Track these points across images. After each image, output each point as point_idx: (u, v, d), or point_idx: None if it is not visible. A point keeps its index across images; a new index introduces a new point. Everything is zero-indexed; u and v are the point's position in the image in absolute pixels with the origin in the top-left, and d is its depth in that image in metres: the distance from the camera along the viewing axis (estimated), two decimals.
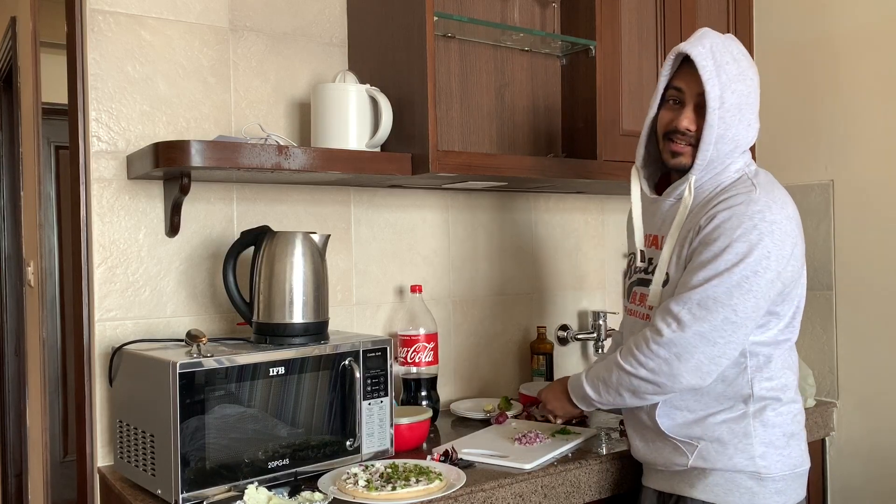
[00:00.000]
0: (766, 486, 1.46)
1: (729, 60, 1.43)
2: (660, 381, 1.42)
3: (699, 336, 1.38)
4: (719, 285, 1.37)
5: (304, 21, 1.98)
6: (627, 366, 1.44)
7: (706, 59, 1.41)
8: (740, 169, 1.48)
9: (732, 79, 1.42)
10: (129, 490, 1.53)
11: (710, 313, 1.38)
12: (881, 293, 2.12)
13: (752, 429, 1.46)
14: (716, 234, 1.39)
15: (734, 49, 1.46)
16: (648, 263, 1.59)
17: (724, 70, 1.41)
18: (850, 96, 2.19)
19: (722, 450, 1.46)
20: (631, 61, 2.16)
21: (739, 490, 1.46)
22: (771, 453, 1.46)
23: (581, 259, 2.53)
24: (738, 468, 1.45)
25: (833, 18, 2.23)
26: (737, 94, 1.42)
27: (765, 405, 1.47)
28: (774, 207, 1.40)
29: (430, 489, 1.43)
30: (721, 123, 1.42)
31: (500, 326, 2.35)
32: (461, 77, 2.07)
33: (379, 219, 2.11)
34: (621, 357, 1.46)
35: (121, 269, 1.73)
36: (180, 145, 1.54)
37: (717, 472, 1.47)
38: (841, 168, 2.21)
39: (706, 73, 1.40)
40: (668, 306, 1.42)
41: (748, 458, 1.45)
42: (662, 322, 1.41)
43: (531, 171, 1.93)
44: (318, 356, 1.56)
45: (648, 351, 1.41)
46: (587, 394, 1.55)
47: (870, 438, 2.16)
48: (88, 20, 1.70)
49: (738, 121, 1.44)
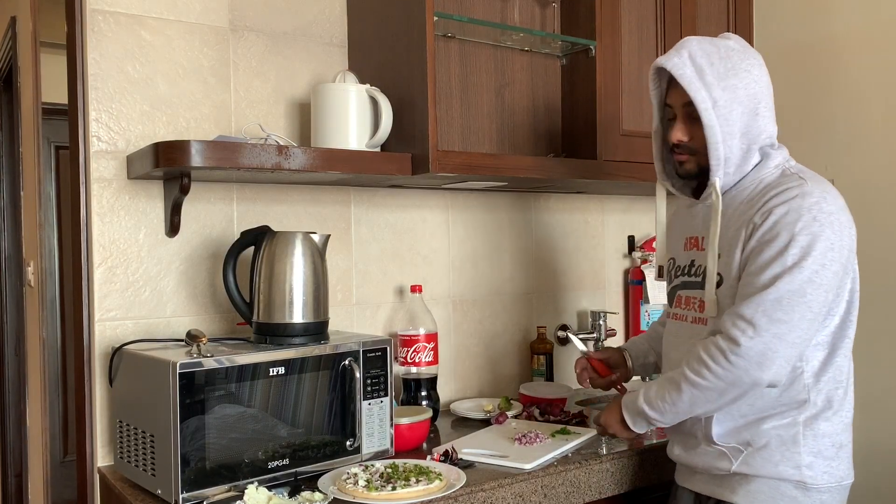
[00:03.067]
0: (810, 496, 1.41)
1: (714, 61, 1.42)
2: (740, 391, 1.37)
3: (777, 338, 1.33)
4: (791, 282, 1.33)
5: (304, 21, 1.98)
6: (703, 381, 1.38)
7: (682, 67, 1.42)
8: (780, 164, 1.47)
9: (721, 76, 1.42)
10: (129, 490, 1.53)
11: (786, 313, 1.33)
12: (881, 293, 2.12)
13: (801, 437, 1.41)
14: (776, 231, 1.36)
15: (723, 48, 1.45)
16: (691, 265, 1.56)
17: (707, 72, 1.42)
18: (850, 96, 2.19)
19: (768, 457, 1.42)
20: (631, 61, 2.16)
21: (784, 499, 1.41)
22: (818, 464, 1.41)
23: (581, 259, 2.53)
24: (784, 476, 1.41)
25: (833, 19, 2.23)
26: (729, 90, 1.41)
27: (817, 413, 1.42)
28: (829, 198, 1.38)
29: (430, 489, 1.43)
30: (722, 121, 1.41)
31: (500, 326, 2.35)
32: (461, 77, 2.07)
33: (379, 219, 2.11)
34: (692, 373, 1.39)
35: (121, 269, 1.73)
36: (180, 145, 1.54)
37: (761, 479, 1.42)
38: (841, 168, 2.21)
39: (685, 80, 1.42)
40: (739, 311, 1.36)
41: (794, 466, 1.41)
42: (736, 329, 1.35)
43: (531, 171, 1.93)
44: (318, 356, 1.56)
45: (726, 363, 1.35)
46: (649, 416, 1.47)
47: (870, 438, 2.15)
48: (88, 20, 1.70)
49: (742, 113, 1.43)
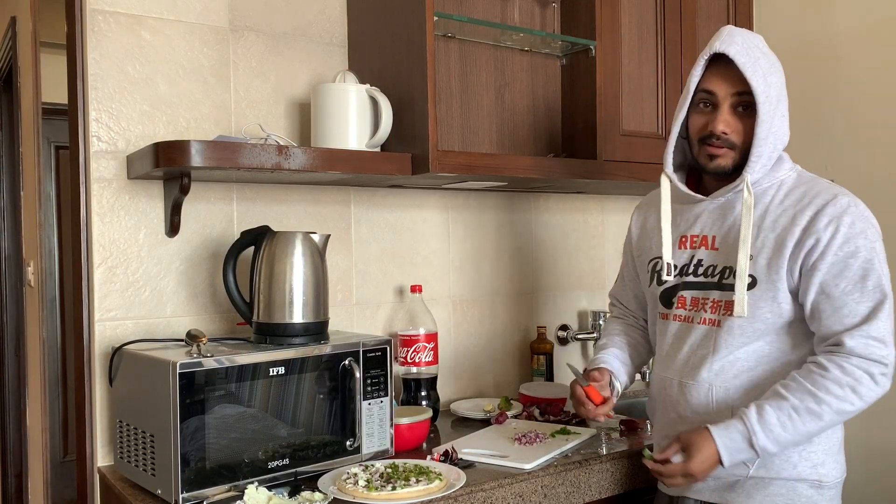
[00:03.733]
0: (823, 493, 1.42)
1: (759, 55, 1.40)
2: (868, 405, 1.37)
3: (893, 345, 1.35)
4: (890, 291, 1.35)
5: (304, 21, 1.98)
6: (851, 406, 1.34)
7: (743, 55, 1.38)
8: (792, 167, 1.48)
9: (767, 71, 1.40)
10: (129, 490, 1.53)
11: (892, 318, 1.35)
12: None
13: (818, 437, 1.42)
14: (853, 243, 1.36)
15: (759, 43, 1.43)
16: (698, 264, 1.50)
17: (759, 64, 1.38)
18: (850, 96, 2.19)
19: (786, 457, 1.41)
20: (631, 61, 2.16)
21: (800, 499, 1.41)
22: (829, 460, 1.43)
23: (581, 259, 2.53)
24: (802, 476, 1.41)
25: (833, 17, 2.23)
26: (774, 87, 1.40)
27: None
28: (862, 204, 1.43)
29: (430, 489, 1.43)
30: (769, 117, 1.39)
31: (500, 326, 2.35)
32: (461, 77, 2.07)
33: (379, 219, 2.11)
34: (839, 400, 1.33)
35: (121, 269, 1.73)
36: (180, 145, 1.54)
37: (780, 482, 1.42)
38: (841, 168, 2.21)
39: (749, 70, 1.37)
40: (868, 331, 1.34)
41: (811, 465, 1.41)
42: (876, 350, 1.33)
43: (531, 171, 1.93)
44: (318, 356, 1.56)
45: (875, 386, 1.34)
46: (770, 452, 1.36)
47: (870, 438, 2.15)
48: (88, 20, 1.70)
49: (775, 113, 1.41)
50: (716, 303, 1.46)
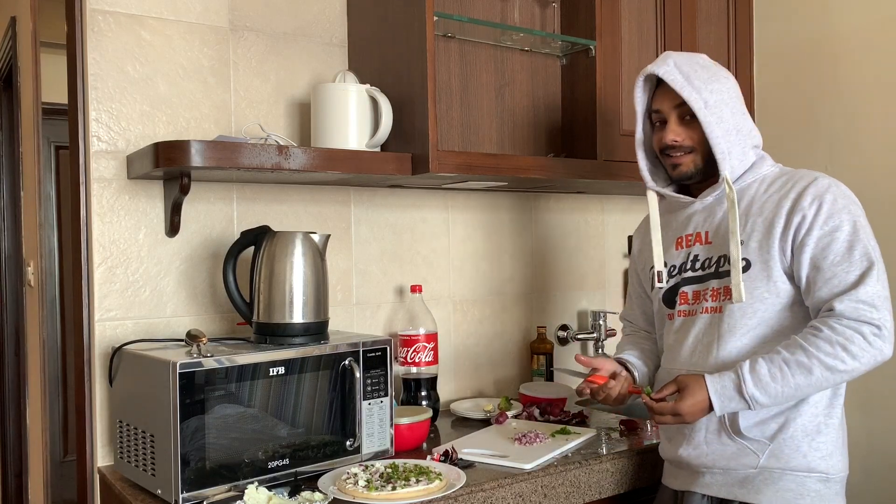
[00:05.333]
0: (830, 487, 1.44)
1: (696, 69, 1.50)
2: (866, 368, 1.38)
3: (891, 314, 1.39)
4: (875, 258, 1.40)
5: (304, 21, 1.98)
6: (843, 364, 1.36)
7: (673, 73, 1.49)
8: (774, 165, 1.56)
9: (705, 81, 1.49)
10: (129, 490, 1.53)
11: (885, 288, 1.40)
12: None
13: (823, 426, 1.44)
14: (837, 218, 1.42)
15: (700, 59, 1.54)
16: (694, 259, 1.56)
17: (693, 77, 1.49)
18: (850, 96, 2.19)
19: (796, 447, 1.43)
20: (631, 61, 2.16)
21: (810, 494, 1.42)
22: (836, 453, 1.45)
23: (581, 259, 2.53)
24: (812, 467, 1.42)
25: (833, 18, 2.23)
26: (716, 93, 1.49)
27: (830, 401, 1.45)
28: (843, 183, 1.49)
29: (430, 489, 1.43)
30: (716, 119, 1.48)
31: (500, 326, 2.35)
32: (461, 77, 2.07)
33: (379, 219, 2.11)
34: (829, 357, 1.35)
35: (121, 269, 1.73)
36: (180, 145, 1.54)
37: (790, 475, 1.43)
38: (841, 168, 2.21)
39: (678, 84, 1.48)
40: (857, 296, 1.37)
41: (821, 456, 1.43)
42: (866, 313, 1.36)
43: (531, 171, 1.93)
44: (318, 356, 1.56)
45: (868, 346, 1.36)
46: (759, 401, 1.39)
47: (870, 438, 2.16)
48: (88, 20, 1.70)
49: (732, 112, 1.50)
50: (715, 291, 1.51)
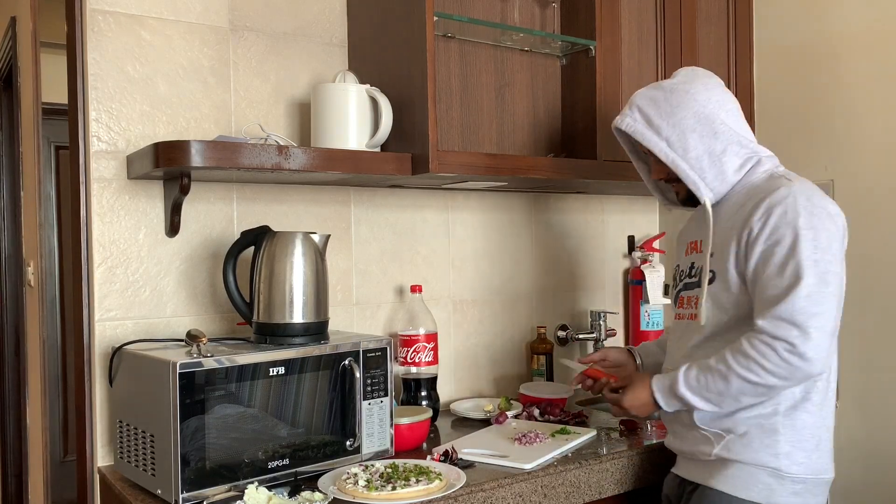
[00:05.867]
0: (784, 485, 1.45)
1: (659, 103, 1.57)
2: (792, 383, 1.42)
3: (819, 331, 1.38)
4: (813, 276, 1.39)
5: (304, 21, 1.98)
6: (755, 377, 1.40)
7: (634, 124, 1.59)
8: (769, 170, 1.55)
9: (667, 116, 1.55)
10: (129, 490, 1.53)
11: (819, 305, 1.38)
12: (881, 293, 2.12)
13: (780, 426, 1.46)
14: (781, 232, 1.43)
15: (664, 87, 1.59)
16: (691, 267, 1.65)
17: (654, 116, 1.57)
18: (849, 96, 2.19)
19: (748, 443, 1.47)
20: (631, 61, 2.16)
21: (758, 486, 1.46)
22: (797, 454, 1.46)
23: (581, 259, 2.53)
24: (761, 463, 1.46)
25: (833, 19, 2.23)
26: (679, 125, 1.54)
27: (796, 404, 1.47)
28: (818, 193, 1.47)
29: (430, 489, 1.43)
30: (681, 153, 1.54)
31: (500, 326, 2.35)
32: (461, 77, 2.07)
33: (379, 219, 2.11)
34: (742, 368, 1.41)
35: (121, 269, 1.73)
36: (180, 145, 1.54)
37: (739, 465, 1.47)
38: (841, 168, 2.21)
39: (638, 135, 1.58)
40: (777, 314, 1.39)
41: (772, 454, 1.45)
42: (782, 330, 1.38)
43: (531, 171, 1.93)
44: (318, 356, 1.56)
45: (780, 361, 1.38)
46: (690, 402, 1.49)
47: (870, 438, 2.15)
48: (88, 20, 1.70)
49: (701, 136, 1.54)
50: (697, 299, 1.58)
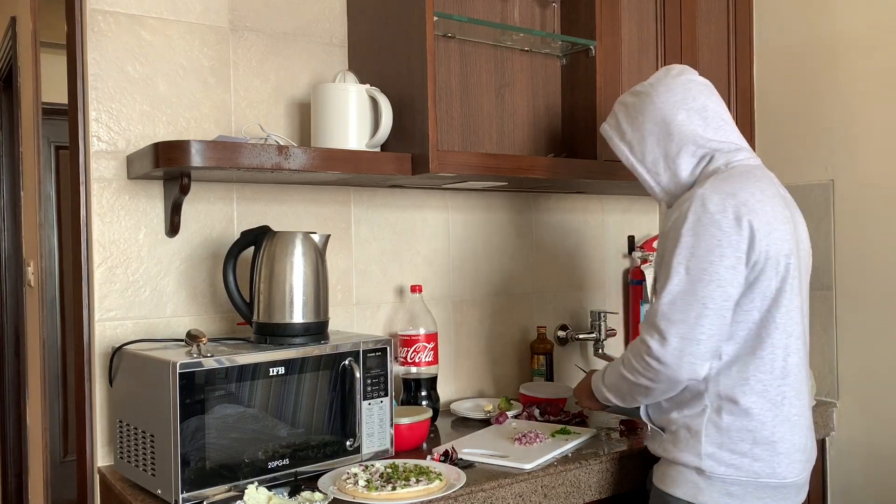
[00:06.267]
0: (713, 485, 1.45)
1: (629, 108, 1.62)
2: (665, 386, 1.47)
3: (681, 339, 1.41)
4: (680, 283, 1.42)
5: (304, 21, 1.98)
6: (632, 377, 1.49)
7: (608, 130, 1.66)
8: (717, 167, 1.52)
9: (632, 120, 1.61)
10: (129, 490, 1.53)
11: (683, 313, 1.41)
12: (881, 293, 2.12)
13: (703, 427, 1.46)
14: (670, 237, 1.47)
15: (638, 91, 1.63)
16: None
17: (623, 120, 1.63)
18: (850, 96, 2.19)
19: (676, 441, 1.50)
20: (631, 61, 2.16)
21: (686, 484, 1.47)
22: (724, 455, 1.45)
23: (581, 259, 2.53)
24: (685, 462, 1.48)
25: (833, 19, 2.23)
26: (638, 130, 1.59)
27: (720, 406, 1.46)
28: (716, 198, 1.43)
29: (430, 489, 1.43)
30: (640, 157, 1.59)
31: (500, 326, 2.35)
32: (461, 77, 2.07)
33: (379, 219, 2.11)
34: (625, 368, 1.51)
35: (121, 269, 1.73)
36: (180, 145, 1.54)
37: (670, 463, 1.51)
38: (841, 168, 2.21)
39: (610, 143, 1.65)
40: (648, 317, 1.47)
41: (694, 454, 1.46)
42: (646, 334, 1.46)
43: (531, 171, 1.93)
44: (318, 356, 1.56)
45: (645, 364, 1.45)
46: (609, 399, 1.61)
47: (870, 438, 2.16)
48: (88, 20, 1.70)
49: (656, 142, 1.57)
50: None
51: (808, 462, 1.52)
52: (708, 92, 1.59)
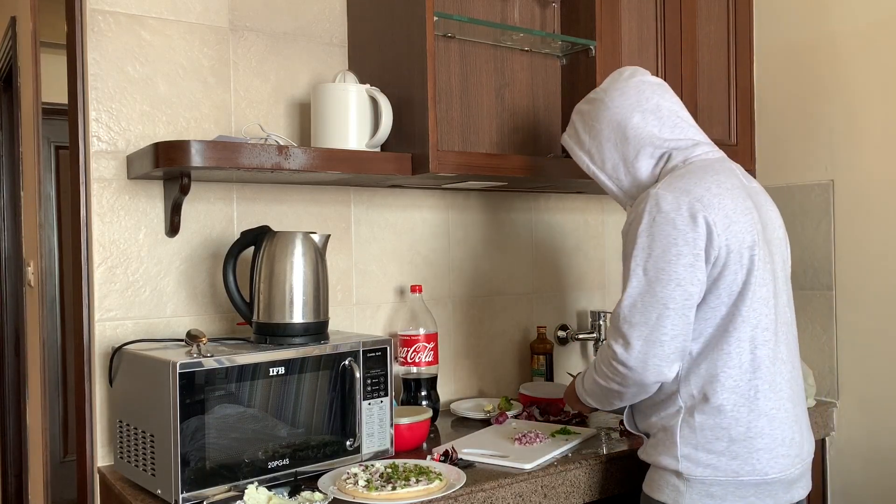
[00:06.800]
0: (692, 487, 1.43)
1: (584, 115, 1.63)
2: (631, 389, 1.47)
3: (643, 341, 1.40)
4: (638, 285, 1.42)
5: (304, 21, 1.98)
6: (602, 381, 1.50)
7: (567, 140, 1.67)
8: (675, 165, 1.52)
9: (589, 126, 1.61)
10: (129, 490, 1.53)
11: (643, 315, 1.40)
12: (881, 293, 2.12)
13: (677, 428, 1.45)
14: (626, 239, 1.47)
15: (593, 98, 1.63)
16: None
17: (580, 128, 1.63)
18: (850, 96, 2.19)
19: (655, 445, 1.50)
20: (631, 61, 2.16)
21: (668, 487, 1.47)
22: (700, 456, 1.43)
23: (581, 259, 2.53)
24: (662, 464, 1.47)
25: (833, 18, 2.23)
26: (595, 136, 1.60)
27: (693, 406, 1.44)
28: (669, 196, 1.42)
29: (430, 489, 1.43)
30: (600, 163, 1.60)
31: (500, 326, 2.35)
32: (461, 77, 2.07)
33: (379, 219, 2.11)
34: (596, 372, 1.52)
35: (121, 269, 1.73)
36: (180, 145, 1.54)
37: (652, 467, 1.51)
38: (841, 168, 2.21)
39: (570, 152, 1.66)
40: (612, 321, 1.47)
41: (672, 457, 1.45)
42: (610, 338, 1.46)
43: (531, 171, 1.93)
44: (318, 356, 1.56)
45: (611, 369, 1.46)
46: (590, 403, 1.62)
47: (870, 438, 2.16)
48: (88, 20, 1.70)
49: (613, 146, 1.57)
50: None
51: (798, 457, 1.47)
52: (661, 91, 1.57)
